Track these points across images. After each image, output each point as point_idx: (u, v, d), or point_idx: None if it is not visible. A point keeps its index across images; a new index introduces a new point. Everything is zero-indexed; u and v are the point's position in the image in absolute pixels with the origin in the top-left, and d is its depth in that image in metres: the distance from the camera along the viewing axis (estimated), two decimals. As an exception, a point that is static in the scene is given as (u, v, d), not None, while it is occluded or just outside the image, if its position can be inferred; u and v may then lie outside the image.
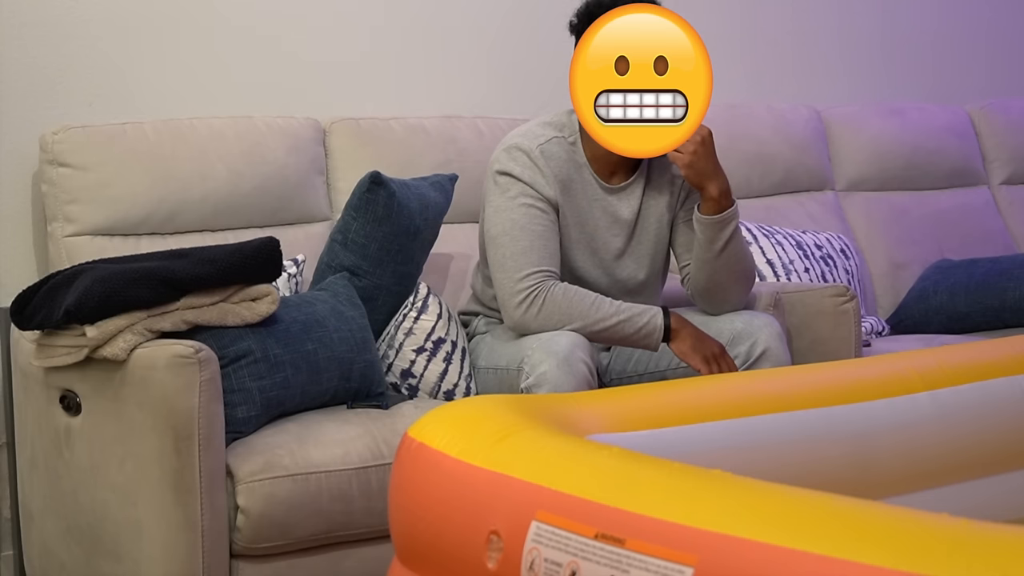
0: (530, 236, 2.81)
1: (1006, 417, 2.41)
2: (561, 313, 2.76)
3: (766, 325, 2.81)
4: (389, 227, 2.99)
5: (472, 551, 1.69)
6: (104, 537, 2.56)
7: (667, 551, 1.44)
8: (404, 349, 2.97)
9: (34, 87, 3.20)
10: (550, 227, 2.84)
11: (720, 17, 4.24)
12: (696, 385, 2.32)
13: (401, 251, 3.02)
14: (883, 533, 1.33)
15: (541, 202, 2.84)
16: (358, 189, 3.01)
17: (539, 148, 2.86)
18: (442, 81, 3.76)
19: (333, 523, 2.59)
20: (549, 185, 2.85)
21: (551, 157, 2.87)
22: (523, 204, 2.83)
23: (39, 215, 3.18)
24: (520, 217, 2.82)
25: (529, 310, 2.77)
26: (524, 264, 2.80)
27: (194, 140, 3.19)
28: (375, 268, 3.00)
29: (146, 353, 2.48)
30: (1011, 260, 3.84)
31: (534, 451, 1.74)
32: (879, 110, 4.31)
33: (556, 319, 2.76)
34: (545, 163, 2.85)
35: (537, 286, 2.78)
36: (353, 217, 3.01)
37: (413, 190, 3.07)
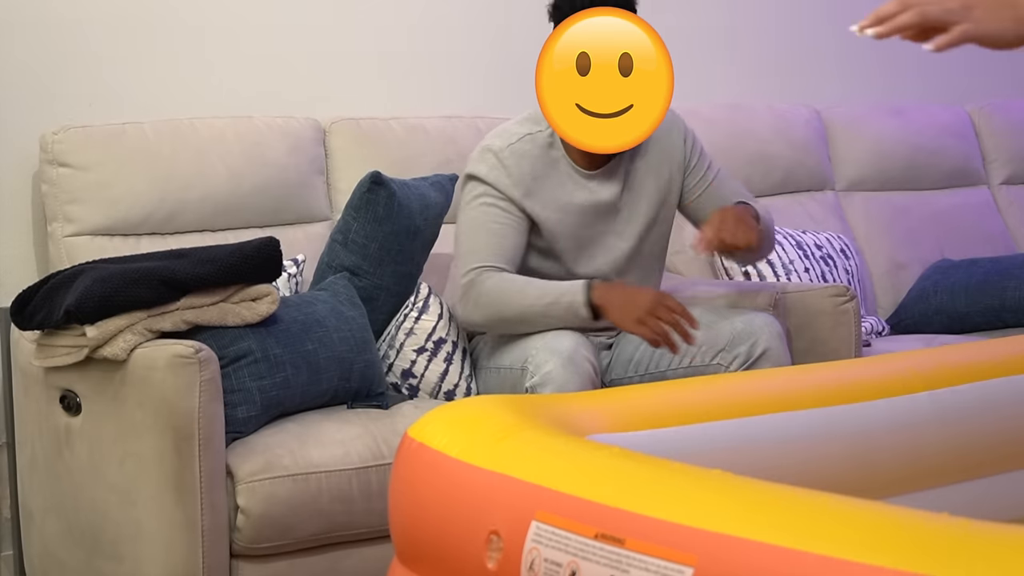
0: (484, 233, 2.83)
1: (1006, 417, 2.40)
2: (493, 303, 2.77)
3: (767, 325, 2.81)
4: (389, 227, 2.99)
5: (472, 551, 1.69)
6: (104, 537, 2.56)
7: (667, 551, 1.44)
8: (405, 349, 2.97)
9: (34, 87, 3.20)
10: (508, 224, 2.84)
11: (720, 17, 4.24)
12: (696, 385, 2.32)
13: (401, 251, 3.02)
14: (883, 533, 1.33)
15: (502, 201, 2.84)
16: (358, 189, 3.01)
17: (509, 148, 2.87)
18: (442, 81, 3.76)
19: (333, 523, 2.59)
20: (515, 185, 2.85)
21: (522, 155, 2.87)
22: (483, 203, 2.85)
23: (39, 215, 3.18)
24: (479, 215, 2.84)
25: (467, 305, 2.80)
26: (470, 261, 2.82)
27: (194, 140, 3.19)
28: (375, 268, 3.00)
29: (146, 353, 2.48)
30: (1011, 260, 3.84)
31: (534, 451, 1.74)
32: (879, 110, 4.31)
33: (491, 310, 2.77)
34: (516, 162, 2.86)
35: (472, 280, 2.79)
36: (353, 217, 3.01)
37: (413, 190, 3.07)
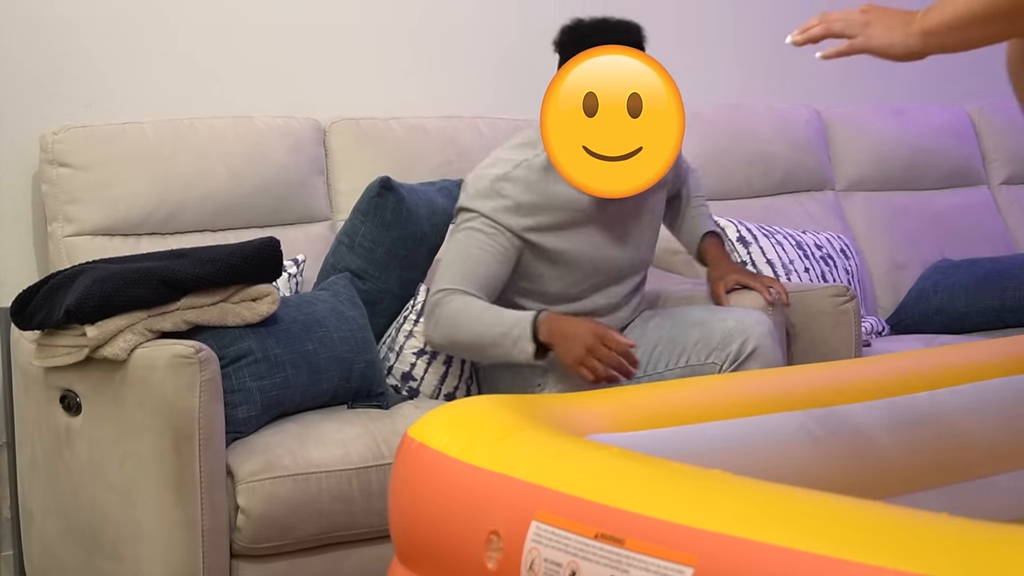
0: (462, 258, 2.79)
1: (1006, 417, 2.40)
2: (449, 326, 2.75)
3: (757, 323, 2.80)
4: (397, 232, 2.99)
5: (472, 551, 1.69)
6: (104, 537, 2.56)
7: (667, 551, 1.44)
8: (405, 352, 2.97)
9: (34, 87, 3.20)
10: (490, 251, 2.79)
11: (720, 17, 4.24)
12: (695, 385, 2.32)
13: (407, 256, 3.02)
14: (883, 533, 1.33)
15: (492, 228, 2.80)
16: (367, 193, 3.01)
17: (505, 176, 2.82)
18: (442, 81, 3.76)
19: (333, 523, 2.59)
20: (511, 213, 2.80)
21: (517, 181, 2.82)
22: (470, 228, 2.81)
23: (39, 215, 3.18)
24: (464, 238, 2.81)
25: (428, 324, 2.79)
26: (441, 282, 2.79)
27: (194, 140, 3.19)
28: (381, 272, 3.00)
29: (146, 353, 2.48)
30: (1011, 260, 3.83)
31: (534, 451, 1.74)
32: (879, 110, 4.31)
33: (449, 331, 2.75)
34: (512, 188, 2.81)
35: (438, 300, 2.76)
36: (361, 221, 3.01)
37: (421, 196, 3.06)
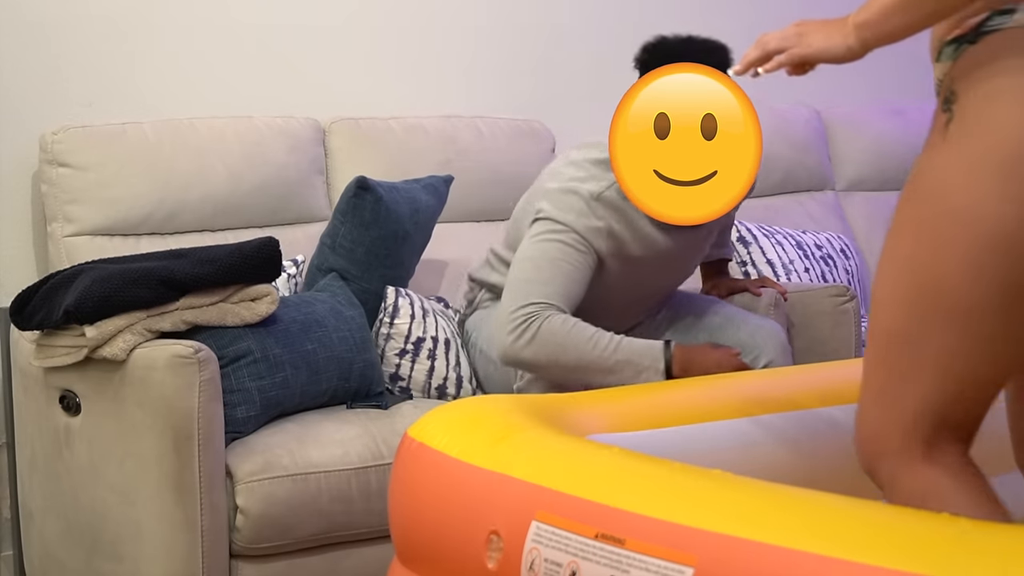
0: (556, 271, 2.66)
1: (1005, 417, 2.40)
2: (556, 344, 2.60)
3: (771, 337, 2.78)
4: (376, 232, 2.98)
5: (472, 551, 1.69)
6: (104, 537, 2.56)
7: (667, 551, 1.43)
8: (387, 355, 2.97)
9: (34, 87, 3.20)
10: (579, 268, 2.67)
11: (720, 16, 4.23)
12: (696, 385, 2.32)
13: (389, 255, 3.02)
14: (883, 533, 1.33)
15: (582, 244, 2.68)
16: (345, 194, 3.01)
17: (598, 196, 2.70)
18: (442, 81, 3.75)
19: (333, 523, 2.59)
20: (602, 238, 2.69)
21: (610, 206, 2.70)
22: (560, 241, 2.68)
23: (39, 215, 3.18)
24: (552, 250, 2.67)
25: (520, 339, 2.62)
26: (530, 293, 2.64)
27: (194, 140, 3.19)
28: (363, 272, 3.00)
29: (146, 353, 2.48)
30: (1011, 260, 3.83)
31: (534, 451, 1.74)
32: (879, 110, 4.31)
33: (549, 349, 2.61)
34: (606, 212, 2.69)
35: (534, 314, 2.62)
36: (341, 221, 3.01)
37: (403, 194, 3.05)
